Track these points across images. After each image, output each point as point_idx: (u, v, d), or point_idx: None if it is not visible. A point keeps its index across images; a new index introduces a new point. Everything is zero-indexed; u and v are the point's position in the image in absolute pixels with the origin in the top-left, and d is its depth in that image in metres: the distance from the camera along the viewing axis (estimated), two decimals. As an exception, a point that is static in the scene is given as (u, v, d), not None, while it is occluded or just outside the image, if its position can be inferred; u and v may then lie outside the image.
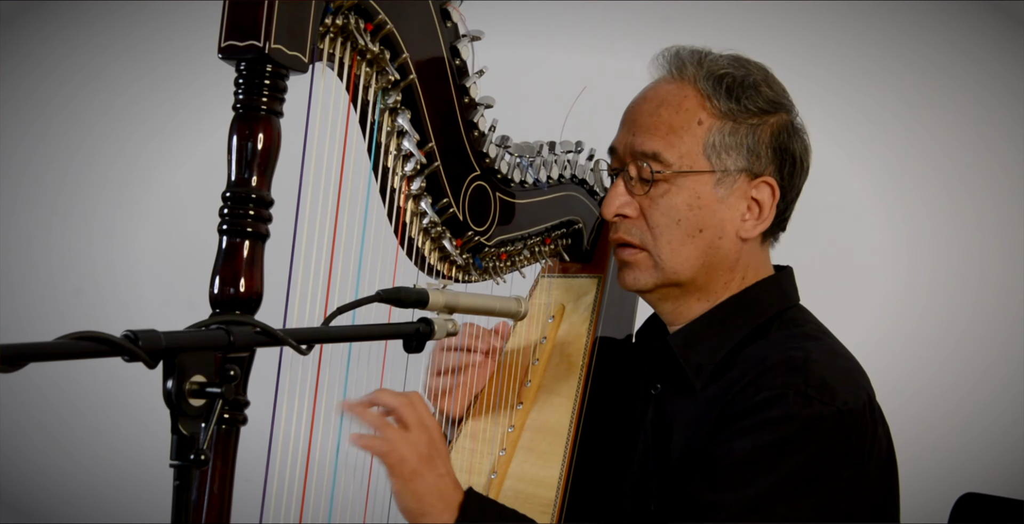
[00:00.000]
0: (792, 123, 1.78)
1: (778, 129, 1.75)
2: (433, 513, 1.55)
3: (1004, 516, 1.93)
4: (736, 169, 1.73)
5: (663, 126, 1.74)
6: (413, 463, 1.54)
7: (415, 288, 1.53)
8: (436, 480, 1.56)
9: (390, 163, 1.66)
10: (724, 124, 1.72)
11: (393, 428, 1.55)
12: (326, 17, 1.49)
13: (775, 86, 1.78)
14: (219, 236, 1.39)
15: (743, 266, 1.78)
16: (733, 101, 1.72)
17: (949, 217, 3.33)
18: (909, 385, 3.13)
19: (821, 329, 1.78)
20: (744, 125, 1.73)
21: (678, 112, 1.74)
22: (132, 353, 1.07)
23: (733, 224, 1.75)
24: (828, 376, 1.63)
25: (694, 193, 1.73)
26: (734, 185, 1.73)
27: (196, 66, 2.96)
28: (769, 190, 1.74)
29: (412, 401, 1.58)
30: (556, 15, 3.40)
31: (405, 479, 1.54)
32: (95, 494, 3.44)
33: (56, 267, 3.55)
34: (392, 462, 1.53)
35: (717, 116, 1.73)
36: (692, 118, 1.73)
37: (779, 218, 1.79)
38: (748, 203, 1.75)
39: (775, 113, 1.76)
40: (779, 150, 1.75)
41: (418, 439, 1.55)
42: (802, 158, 1.78)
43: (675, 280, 1.77)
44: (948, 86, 3.34)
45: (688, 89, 1.75)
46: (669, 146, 1.73)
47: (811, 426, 1.59)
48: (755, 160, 1.73)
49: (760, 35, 3.29)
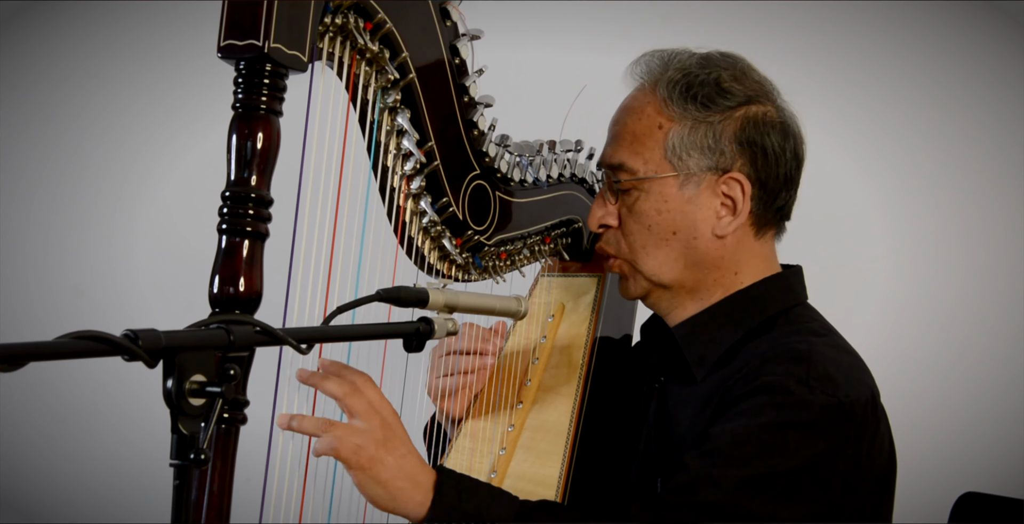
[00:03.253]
0: (763, 115, 1.75)
1: (743, 123, 1.74)
2: (403, 496, 1.52)
3: (1004, 516, 1.93)
4: (700, 169, 1.74)
5: (628, 135, 1.77)
6: (370, 450, 1.49)
7: (415, 287, 1.53)
8: (398, 461, 1.51)
9: (390, 162, 1.66)
10: (683, 126, 1.73)
11: (336, 424, 1.50)
12: (325, 16, 1.49)
13: (744, 79, 1.76)
14: (218, 235, 1.39)
15: (732, 262, 1.78)
16: (690, 102, 1.73)
17: (950, 217, 3.33)
18: (909, 385, 3.13)
19: (827, 327, 1.78)
20: (704, 124, 1.73)
21: (640, 119, 1.76)
22: (132, 352, 1.07)
23: (708, 223, 1.75)
24: (831, 369, 1.63)
25: (661, 197, 1.75)
26: (700, 184, 1.74)
27: (195, 65, 2.96)
28: (739, 185, 1.74)
29: (357, 387, 1.52)
30: (556, 15, 3.39)
31: (365, 468, 1.49)
32: (95, 494, 3.43)
33: (56, 267, 3.55)
34: (346, 455, 1.48)
35: (675, 119, 1.74)
36: (653, 124, 1.75)
37: (769, 210, 1.78)
38: (721, 200, 1.75)
39: (741, 107, 1.74)
40: (746, 143, 1.74)
41: (370, 425, 1.50)
42: (779, 147, 1.75)
43: (660, 283, 1.79)
44: (949, 87, 3.34)
45: (649, 96, 1.77)
46: (634, 154, 1.75)
47: (811, 414, 1.59)
48: (719, 157, 1.73)
49: (760, 36, 3.29)
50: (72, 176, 3.56)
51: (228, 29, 1.37)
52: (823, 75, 3.31)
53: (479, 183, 1.77)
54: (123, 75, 3.54)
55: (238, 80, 1.39)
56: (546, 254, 2.00)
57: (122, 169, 3.57)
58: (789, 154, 1.77)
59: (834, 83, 3.32)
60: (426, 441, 1.99)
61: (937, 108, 3.34)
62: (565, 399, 1.89)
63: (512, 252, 1.89)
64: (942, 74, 3.34)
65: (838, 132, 3.25)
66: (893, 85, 3.36)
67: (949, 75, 3.34)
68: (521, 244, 1.91)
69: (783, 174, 1.77)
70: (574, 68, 2.60)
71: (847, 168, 3.33)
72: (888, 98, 3.36)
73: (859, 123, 3.35)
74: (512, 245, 1.88)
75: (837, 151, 3.24)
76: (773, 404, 1.60)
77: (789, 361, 1.64)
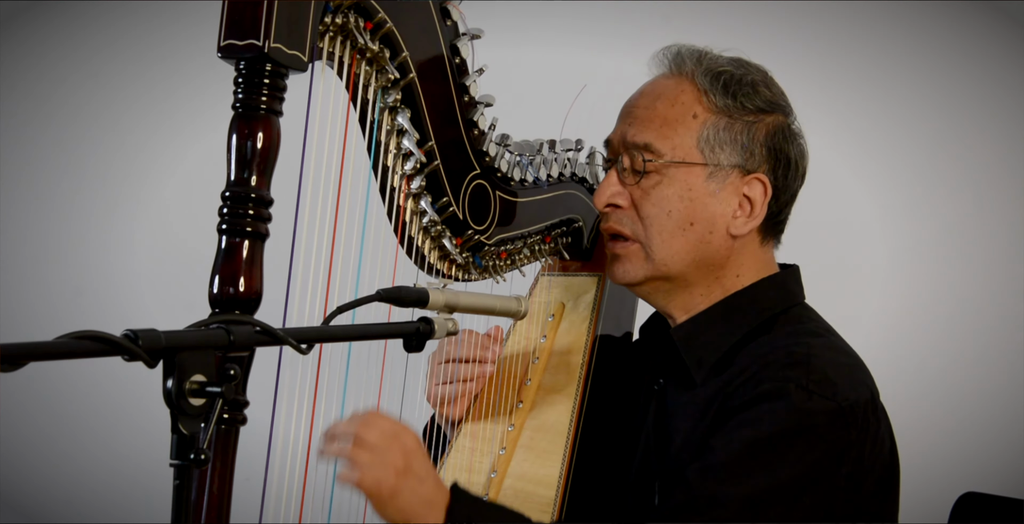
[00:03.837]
0: (789, 126, 1.78)
1: (774, 129, 1.76)
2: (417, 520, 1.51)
3: (1004, 516, 1.93)
4: (729, 164, 1.73)
5: (658, 118, 1.75)
6: (391, 481, 1.47)
7: (415, 287, 1.53)
8: (417, 488, 1.50)
9: (390, 162, 1.66)
10: (719, 119, 1.73)
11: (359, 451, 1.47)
12: (326, 16, 1.48)
13: (773, 88, 1.79)
14: (219, 236, 1.39)
15: (736, 264, 1.78)
16: (730, 97, 1.74)
17: (950, 217, 3.33)
18: (909, 385, 3.13)
19: (825, 327, 1.78)
20: (740, 122, 1.74)
21: (674, 105, 1.75)
22: (132, 352, 1.07)
23: (724, 219, 1.75)
24: (830, 372, 1.63)
25: (685, 185, 1.74)
26: (726, 180, 1.74)
27: (195, 65, 2.97)
28: (761, 188, 1.75)
29: (366, 420, 1.49)
30: (556, 14, 3.39)
31: (386, 499, 1.48)
32: (95, 494, 3.43)
33: (56, 267, 3.55)
34: (368, 488, 1.47)
35: (713, 111, 1.74)
36: (688, 111, 1.74)
37: (774, 220, 1.79)
38: (740, 199, 1.75)
39: (772, 113, 1.76)
40: (773, 150, 1.75)
41: (388, 454, 1.48)
42: (797, 161, 1.78)
43: (665, 273, 1.77)
44: (948, 87, 3.34)
45: (685, 84, 1.76)
46: (662, 137, 1.74)
47: (811, 420, 1.59)
48: (749, 157, 1.74)
49: (760, 36, 3.28)
50: (72, 176, 3.56)
51: (228, 29, 1.37)
52: (823, 75, 3.31)
53: (479, 182, 1.77)
54: (123, 75, 3.54)
55: (238, 80, 1.39)
56: (546, 253, 2.00)
57: (122, 169, 3.57)
58: (802, 171, 1.80)
59: (834, 83, 3.32)
60: (425, 441, 1.99)
61: (936, 108, 3.34)
62: (565, 398, 1.89)
63: (512, 251, 1.89)
64: (942, 74, 3.34)
65: (838, 132, 3.25)
66: (893, 85, 3.36)
67: (949, 75, 3.34)
68: (521, 243, 1.91)
69: (793, 188, 1.79)
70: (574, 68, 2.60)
71: (847, 168, 3.32)
72: (888, 98, 3.36)
73: (858, 123, 3.35)
74: (512, 244, 1.88)
75: (836, 151, 3.24)
76: (773, 412, 1.60)
77: (787, 366, 1.64)
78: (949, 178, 3.33)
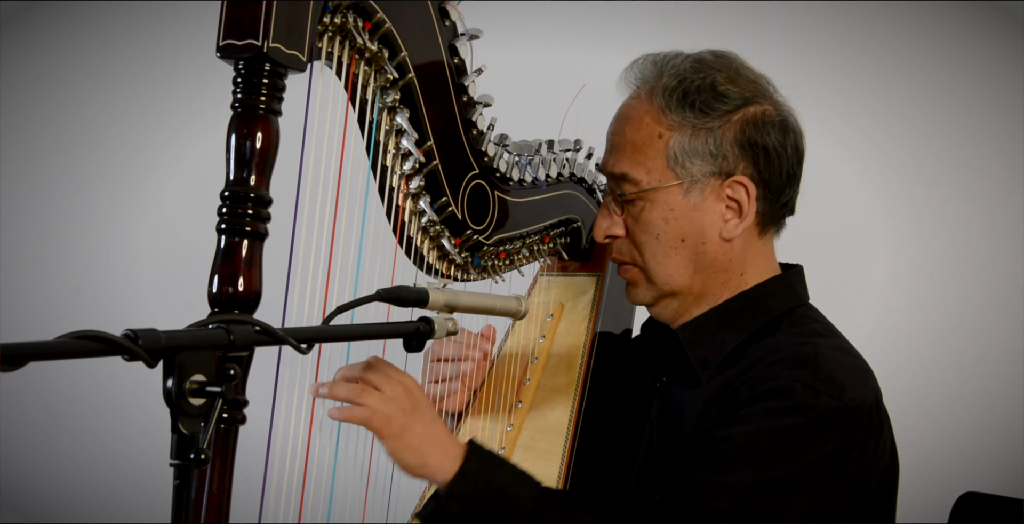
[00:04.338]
0: (761, 114, 1.75)
1: (743, 125, 1.73)
2: (432, 462, 1.54)
3: (1004, 515, 1.93)
4: (703, 175, 1.73)
5: (628, 145, 1.76)
6: (400, 419, 1.52)
7: (415, 287, 1.53)
8: (427, 428, 1.54)
9: (389, 162, 1.66)
10: (683, 134, 1.72)
11: (369, 390, 1.52)
12: (324, 16, 1.49)
13: (739, 80, 1.75)
14: (218, 235, 1.39)
15: (739, 264, 1.78)
16: (688, 109, 1.72)
17: (950, 217, 3.33)
18: (909, 385, 3.12)
19: (830, 328, 1.78)
20: (703, 130, 1.72)
21: (640, 129, 1.75)
22: (132, 352, 1.07)
23: (714, 227, 1.75)
24: (837, 372, 1.63)
25: (666, 206, 1.74)
26: (705, 190, 1.73)
27: (194, 65, 2.96)
28: (743, 188, 1.74)
29: (372, 364, 1.55)
30: (555, 14, 3.39)
31: (396, 436, 1.52)
32: (95, 494, 3.43)
33: (56, 267, 3.55)
34: (378, 425, 1.51)
35: (674, 127, 1.72)
36: (652, 133, 1.74)
37: (781, 206, 1.78)
38: (725, 203, 1.74)
39: (739, 110, 1.73)
40: (747, 146, 1.73)
41: (396, 394, 1.53)
42: (778, 147, 1.74)
43: (670, 290, 1.78)
44: (948, 87, 3.34)
45: (646, 105, 1.75)
46: (635, 164, 1.74)
47: (817, 418, 1.59)
48: (722, 161, 1.73)
49: (760, 36, 3.28)
50: (72, 176, 3.57)
51: (227, 29, 1.37)
52: (823, 75, 3.31)
53: (478, 183, 1.77)
54: (123, 75, 3.54)
55: (237, 80, 1.39)
56: (545, 253, 2.00)
57: (121, 169, 3.57)
58: (790, 150, 1.76)
59: (833, 83, 3.32)
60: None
61: (936, 108, 3.34)
62: (564, 398, 1.90)
63: (511, 251, 1.89)
64: (942, 74, 3.34)
65: (838, 132, 3.25)
66: (893, 85, 3.36)
67: (949, 75, 3.34)
68: (520, 243, 1.91)
69: (786, 171, 1.76)
70: (573, 68, 2.60)
71: (847, 168, 3.32)
72: (888, 98, 3.36)
73: (858, 123, 3.35)
74: (511, 244, 1.88)
75: (837, 151, 3.24)
76: (779, 408, 1.60)
77: (795, 365, 1.64)
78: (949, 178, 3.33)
